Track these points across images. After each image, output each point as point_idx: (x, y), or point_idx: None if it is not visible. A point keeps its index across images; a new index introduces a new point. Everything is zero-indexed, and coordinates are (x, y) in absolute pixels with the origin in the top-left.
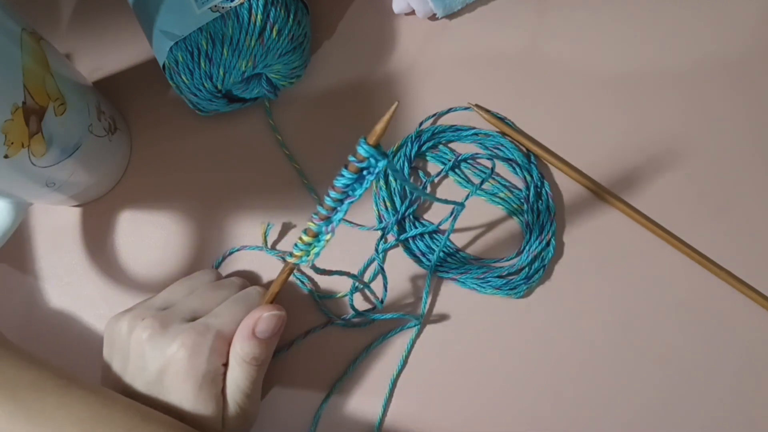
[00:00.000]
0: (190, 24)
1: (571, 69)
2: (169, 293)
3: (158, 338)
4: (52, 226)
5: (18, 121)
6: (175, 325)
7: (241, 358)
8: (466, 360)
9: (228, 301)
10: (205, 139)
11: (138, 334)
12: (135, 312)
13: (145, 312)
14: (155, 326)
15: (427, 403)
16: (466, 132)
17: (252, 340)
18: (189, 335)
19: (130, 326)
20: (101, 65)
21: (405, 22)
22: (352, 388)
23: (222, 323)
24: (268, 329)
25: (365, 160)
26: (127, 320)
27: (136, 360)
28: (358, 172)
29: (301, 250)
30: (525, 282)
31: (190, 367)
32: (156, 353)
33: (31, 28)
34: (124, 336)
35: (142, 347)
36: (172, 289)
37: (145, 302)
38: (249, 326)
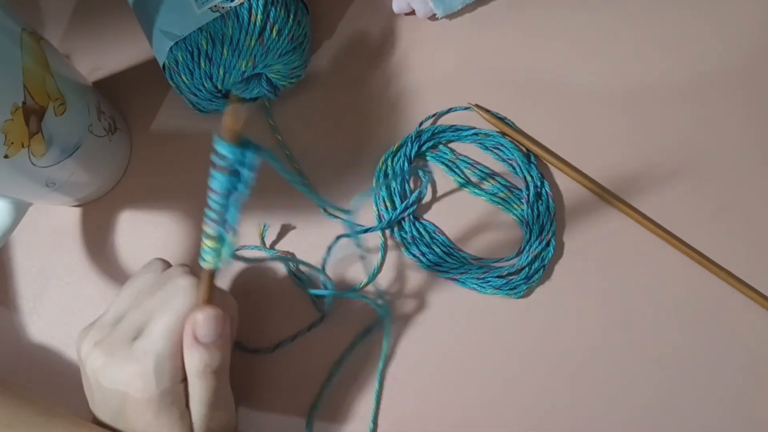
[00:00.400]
0: (190, 24)
1: (571, 69)
2: (117, 304)
3: (108, 370)
4: (52, 226)
5: (18, 121)
6: (120, 352)
7: (195, 369)
8: (466, 360)
9: (157, 311)
10: (205, 139)
11: (91, 365)
12: (91, 334)
13: (99, 334)
14: (102, 357)
15: (427, 404)
16: (466, 132)
17: (197, 347)
18: (133, 364)
19: (86, 353)
20: (101, 65)
21: (405, 22)
22: (344, 388)
23: (157, 344)
24: (210, 332)
25: (226, 158)
26: (84, 345)
27: (98, 392)
28: (228, 171)
29: (211, 255)
30: (525, 282)
31: (144, 398)
32: (111, 387)
33: (31, 28)
34: (83, 364)
35: (98, 380)
36: (121, 297)
37: (101, 319)
38: (189, 334)
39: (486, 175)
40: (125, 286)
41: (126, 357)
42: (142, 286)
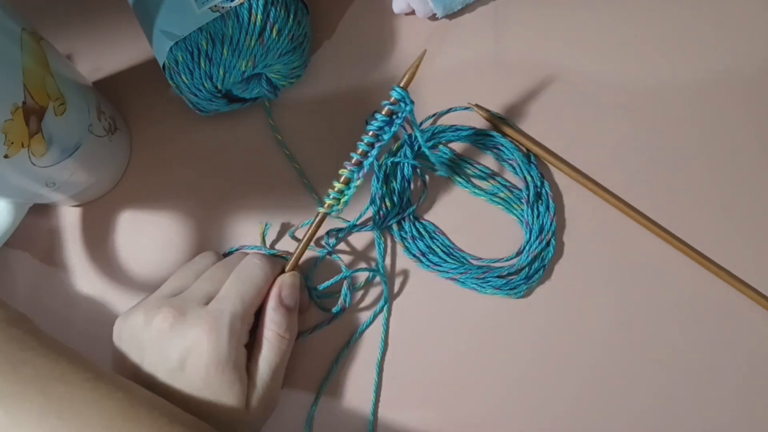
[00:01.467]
0: (190, 24)
1: (572, 69)
2: (176, 280)
3: (179, 326)
4: (52, 226)
5: (18, 121)
6: (193, 311)
7: (276, 330)
8: (466, 360)
9: (231, 280)
10: (205, 139)
11: (158, 324)
12: (147, 304)
13: (159, 302)
14: (175, 314)
15: (427, 404)
16: (466, 132)
17: (282, 308)
18: (207, 321)
19: (147, 318)
20: (101, 65)
21: (405, 22)
22: (343, 387)
23: (233, 304)
24: (294, 296)
25: (398, 102)
26: (141, 313)
27: (155, 350)
28: (390, 116)
29: (333, 198)
30: (525, 282)
31: (212, 353)
32: (177, 342)
33: (32, 28)
34: (139, 329)
35: (163, 337)
36: (178, 275)
37: (153, 294)
38: (276, 295)
39: (486, 175)
40: (182, 268)
41: (199, 316)
42: (203, 267)
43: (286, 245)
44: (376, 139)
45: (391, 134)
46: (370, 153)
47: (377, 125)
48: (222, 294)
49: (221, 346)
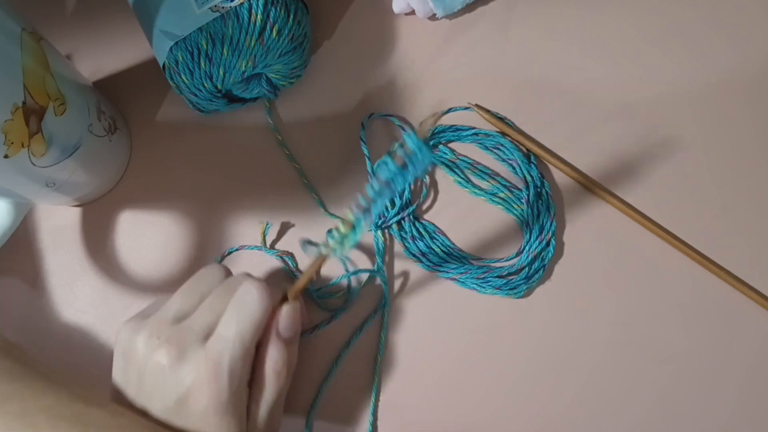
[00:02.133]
0: (190, 24)
1: (572, 69)
2: (181, 302)
3: (177, 366)
4: (52, 226)
5: (18, 121)
6: (192, 350)
7: (275, 366)
8: (466, 360)
9: (229, 315)
10: (205, 139)
11: (156, 359)
12: (150, 328)
13: (160, 329)
14: (172, 353)
15: (427, 405)
16: (466, 132)
17: (280, 343)
18: (206, 367)
19: (148, 347)
20: (101, 65)
21: (405, 22)
22: (342, 388)
23: (233, 347)
24: (291, 326)
25: (409, 151)
26: (143, 338)
27: (153, 383)
28: (402, 164)
29: (335, 241)
30: (525, 282)
31: (212, 398)
32: (175, 382)
33: (32, 28)
34: (140, 356)
35: (161, 373)
36: (183, 293)
37: (159, 314)
38: (274, 329)
39: (486, 175)
40: (185, 286)
41: (199, 359)
42: (206, 289)
43: (286, 245)
44: (386, 187)
45: (404, 184)
46: (379, 201)
47: (387, 174)
48: (221, 332)
49: (222, 391)
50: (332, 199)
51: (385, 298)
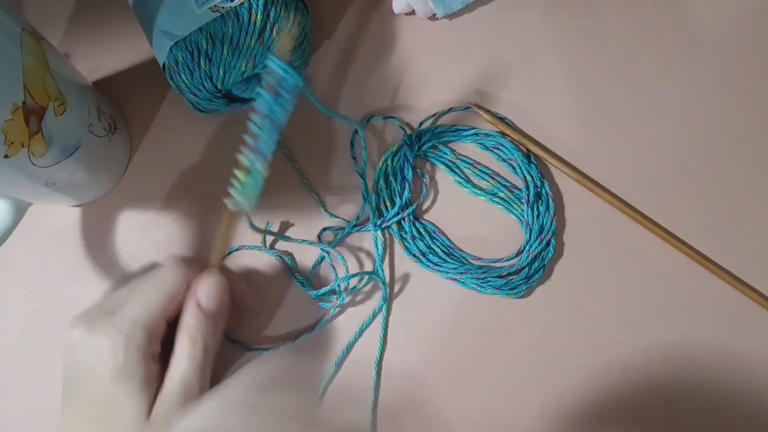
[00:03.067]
0: (190, 24)
1: (572, 68)
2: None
3: (87, 337)
4: (52, 226)
5: (18, 121)
6: (99, 321)
7: (186, 335)
8: (466, 360)
9: (140, 290)
10: (205, 139)
11: (73, 337)
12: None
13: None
14: (85, 326)
15: (426, 404)
16: (467, 132)
17: (196, 310)
18: (106, 331)
19: (67, 330)
20: (101, 65)
21: (405, 22)
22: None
23: (133, 310)
24: (213, 299)
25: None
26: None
27: (66, 362)
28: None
29: (238, 192)
30: (525, 282)
31: (110, 362)
32: (82, 354)
33: (31, 28)
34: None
35: (73, 350)
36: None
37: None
38: (193, 296)
39: (486, 175)
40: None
41: (102, 325)
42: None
43: (286, 245)
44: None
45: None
46: (265, 136)
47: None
48: (127, 306)
49: (118, 355)
50: (332, 199)
51: (384, 298)
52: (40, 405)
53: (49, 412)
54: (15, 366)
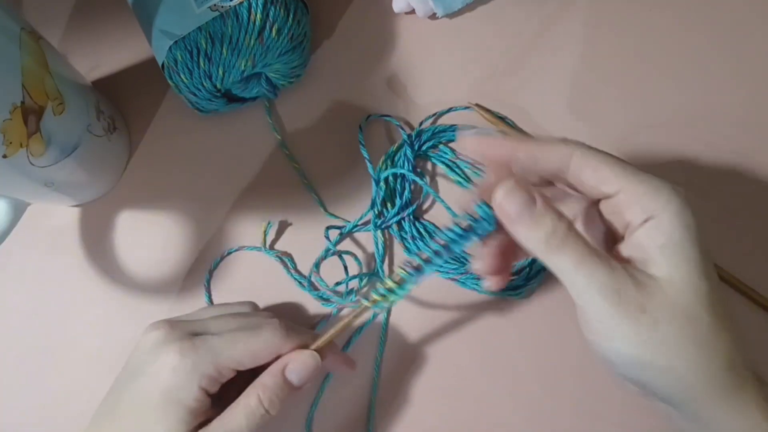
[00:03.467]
0: (190, 23)
1: (572, 68)
2: (199, 311)
3: (158, 344)
4: (51, 226)
5: (16, 120)
6: (176, 339)
7: (257, 395)
8: (466, 360)
9: (238, 327)
10: (205, 138)
11: (148, 336)
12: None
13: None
14: (160, 331)
15: (426, 405)
16: (467, 131)
17: (280, 379)
18: (180, 348)
19: (147, 330)
20: (100, 65)
21: (405, 22)
22: (341, 385)
23: (219, 346)
24: (300, 375)
25: (480, 220)
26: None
27: (134, 357)
28: (468, 230)
29: (381, 294)
30: (526, 282)
31: (161, 383)
32: (150, 358)
33: (30, 28)
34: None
35: (143, 351)
36: (205, 309)
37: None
38: (282, 363)
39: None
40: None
41: (180, 340)
42: (229, 310)
43: (285, 245)
44: (445, 249)
45: (461, 248)
46: (435, 261)
47: (450, 236)
48: (210, 337)
49: (178, 376)
50: (332, 199)
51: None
52: (40, 405)
53: (48, 412)
54: (14, 366)
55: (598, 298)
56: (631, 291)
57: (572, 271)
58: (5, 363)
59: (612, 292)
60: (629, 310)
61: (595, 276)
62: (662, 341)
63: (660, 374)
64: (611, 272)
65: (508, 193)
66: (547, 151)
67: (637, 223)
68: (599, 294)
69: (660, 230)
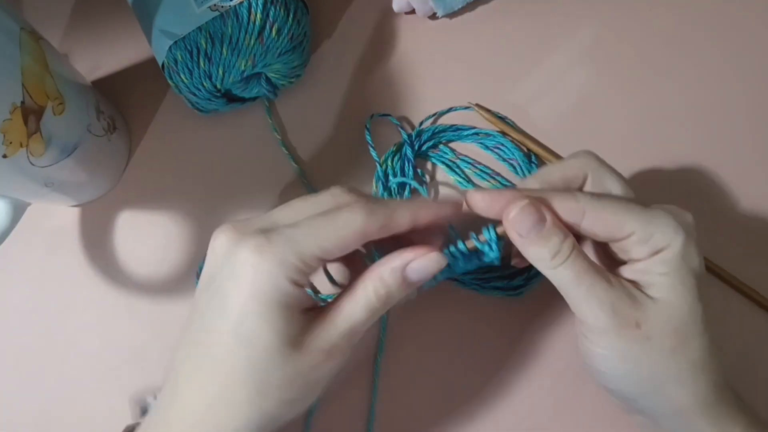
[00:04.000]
0: (190, 23)
1: (572, 68)
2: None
3: (229, 250)
4: (51, 226)
5: (16, 120)
6: (249, 234)
7: (376, 289)
8: (466, 360)
9: (313, 213)
10: (205, 138)
11: (218, 248)
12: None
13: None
14: (233, 237)
15: (426, 404)
16: (467, 131)
17: (399, 275)
18: (256, 244)
19: (215, 236)
20: (100, 64)
21: (405, 22)
22: (341, 386)
23: (300, 236)
24: (420, 274)
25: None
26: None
27: (208, 270)
28: (473, 251)
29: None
30: (526, 282)
31: (247, 284)
32: (221, 268)
33: (31, 28)
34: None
35: (216, 257)
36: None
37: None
38: (402, 258)
39: (486, 175)
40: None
41: (252, 239)
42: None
43: None
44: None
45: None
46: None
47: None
48: (291, 222)
49: (262, 278)
50: None
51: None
52: (40, 405)
53: (48, 412)
54: (14, 365)
55: (596, 310)
56: (627, 306)
57: (573, 285)
58: (5, 363)
59: (608, 305)
60: (624, 324)
61: (594, 290)
62: (655, 357)
63: (651, 390)
64: (609, 287)
65: (521, 211)
66: (559, 210)
67: (643, 257)
68: (597, 306)
69: (664, 263)
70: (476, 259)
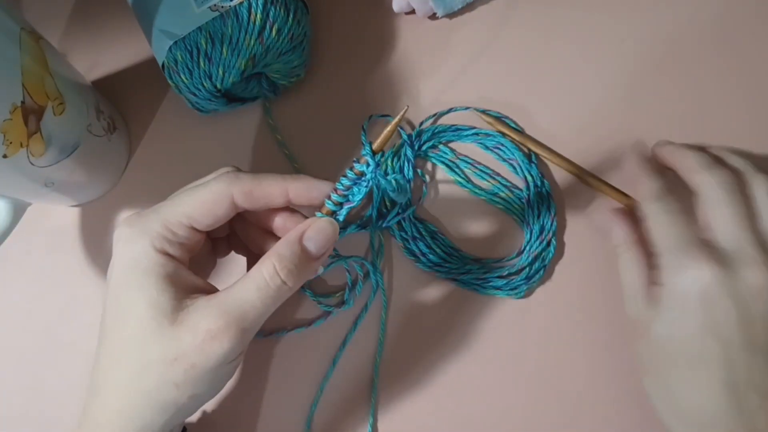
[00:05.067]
0: (190, 23)
1: (572, 67)
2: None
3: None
4: (51, 226)
5: (16, 120)
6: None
7: (271, 266)
8: (466, 360)
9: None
10: (205, 138)
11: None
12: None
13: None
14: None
15: (426, 404)
16: (467, 132)
17: (297, 246)
18: (127, 221)
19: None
20: (100, 64)
21: (405, 22)
22: (340, 385)
23: (163, 207)
24: (318, 244)
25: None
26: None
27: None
28: (360, 176)
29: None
30: (525, 282)
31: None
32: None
33: (30, 27)
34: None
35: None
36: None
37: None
38: (299, 230)
39: (486, 175)
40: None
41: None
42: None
43: None
44: (345, 198)
45: (360, 197)
46: (339, 212)
47: (346, 183)
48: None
49: (131, 246)
50: None
51: (384, 299)
52: (39, 405)
53: (47, 412)
54: (14, 365)
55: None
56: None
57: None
58: (5, 363)
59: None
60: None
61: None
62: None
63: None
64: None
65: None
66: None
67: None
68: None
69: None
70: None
